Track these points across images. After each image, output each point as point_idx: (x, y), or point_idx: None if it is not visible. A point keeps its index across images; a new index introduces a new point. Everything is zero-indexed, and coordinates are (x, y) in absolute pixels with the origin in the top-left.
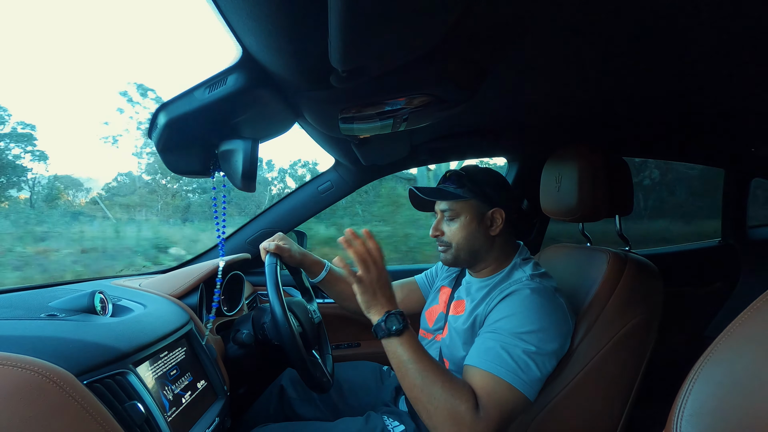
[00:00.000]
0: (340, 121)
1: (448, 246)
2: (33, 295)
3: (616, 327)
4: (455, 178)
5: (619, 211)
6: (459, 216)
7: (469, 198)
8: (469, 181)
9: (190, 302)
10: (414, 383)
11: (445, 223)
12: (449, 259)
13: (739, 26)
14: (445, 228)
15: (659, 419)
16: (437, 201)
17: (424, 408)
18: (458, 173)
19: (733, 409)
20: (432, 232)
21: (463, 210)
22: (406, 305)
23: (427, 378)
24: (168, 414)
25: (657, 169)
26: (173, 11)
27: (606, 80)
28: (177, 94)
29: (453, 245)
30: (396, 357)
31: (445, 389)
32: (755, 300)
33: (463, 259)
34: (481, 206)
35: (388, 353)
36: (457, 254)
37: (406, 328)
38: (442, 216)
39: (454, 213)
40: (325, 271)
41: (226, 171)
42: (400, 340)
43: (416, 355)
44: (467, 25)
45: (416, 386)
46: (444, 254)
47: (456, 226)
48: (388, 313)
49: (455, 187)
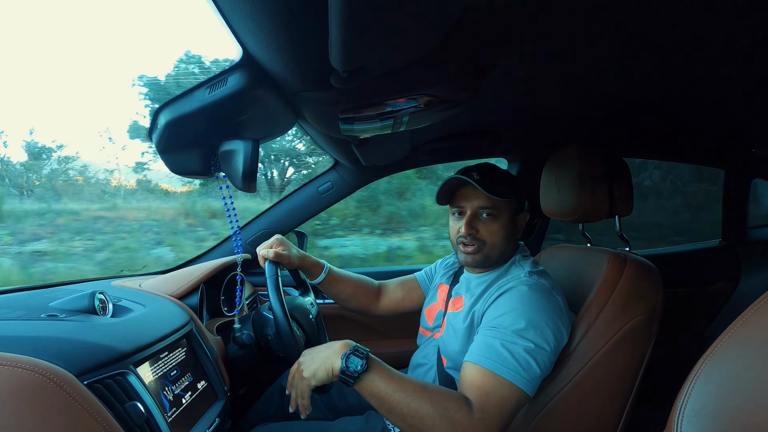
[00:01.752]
0: (340, 121)
1: (481, 245)
2: (33, 295)
3: (616, 327)
4: (498, 176)
5: (619, 211)
6: (500, 216)
7: (511, 199)
8: (509, 181)
9: (191, 303)
10: (403, 412)
11: (480, 221)
12: (480, 260)
13: (740, 26)
14: (480, 227)
15: (659, 419)
16: (470, 196)
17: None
18: (499, 172)
19: (734, 410)
20: (467, 229)
21: (505, 210)
22: (406, 303)
23: (414, 400)
24: (168, 414)
25: (657, 169)
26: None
27: (606, 80)
28: (177, 95)
29: (487, 245)
30: (375, 396)
31: (435, 403)
32: (756, 301)
33: (493, 260)
34: (515, 208)
35: (366, 396)
36: (489, 254)
37: (369, 359)
38: (476, 213)
39: (496, 212)
40: (324, 272)
41: (227, 171)
42: (371, 376)
43: (393, 382)
44: (467, 26)
45: (407, 414)
46: (473, 255)
47: (495, 226)
48: (343, 356)
49: (499, 186)
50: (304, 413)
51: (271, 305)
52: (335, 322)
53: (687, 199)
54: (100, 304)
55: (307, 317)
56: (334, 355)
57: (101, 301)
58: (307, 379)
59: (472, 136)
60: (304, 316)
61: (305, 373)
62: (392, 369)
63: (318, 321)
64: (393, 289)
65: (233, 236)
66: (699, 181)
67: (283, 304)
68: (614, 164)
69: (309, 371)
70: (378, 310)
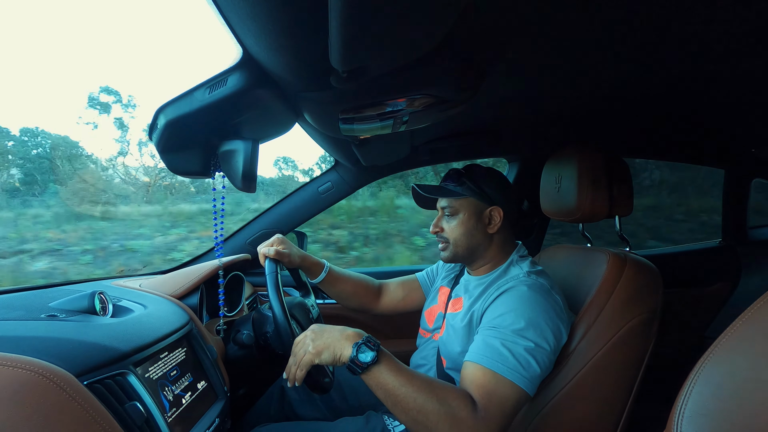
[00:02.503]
0: (340, 121)
1: (447, 242)
2: (33, 295)
3: (615, 327)
4: (455, 176)
5: (619, 211)
6: (458, 213)
7: (468, 195)
8: (469, 179)
9: (191, 303)
10: (408, 406)
11: (444, 219)
12: (448, 256)
13: (740, 26)
14: (444, 225)
15: (660, 419)
16: (438, 198)
17: (424, 427)
18: (458, 171)
19: (734, 410)
20: (432, 229)
21: (462, 207)
22: (407, 303)
23: (420, 396)
24: (168, 414)
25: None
26: (173, 11)
27: (606, 80)
28: (177, 95)
29: (451, 242)
30: (382, 388)
31: (440, 400)
32: (756, 301)
33: (461, 255)
34: (479, 204)
35: (372, 387)
36: (455, 251)
37: (380, 351)
38: (443, 213)
39: (453, 210)
40: (324, 272)
41: (227, 171)
42: (380, 368)
43: (401, 376)
44: (467, 26)
45: (411, 408)
46: (443, 251)
47: (455, 223)
48: (354, 346)
49: (455, 185)
50: (292, 383)
51: (270, 303)
52: (335, 322)
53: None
54: (100, 305)
55: (308, 317)
56: (345, 342)
57: (101, 301)
58: (311, 355)
59: (472, 136)
60: (304, 316)
61: (311, 348)
62: (401, 363)
63: (318, 322)
64: (394, 289)
65: (216, 239)
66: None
67: (282, 301)
68: (614, 164)
69: (315, 349)
70: (378, 309)
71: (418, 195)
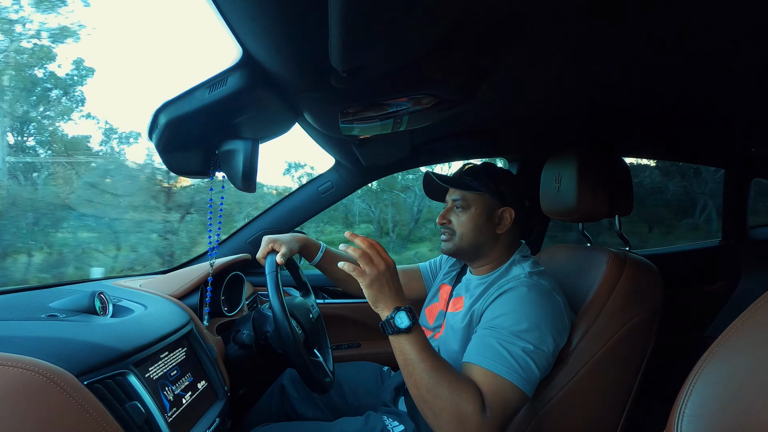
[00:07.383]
0: (340, 121)
1: (452, 234)
2: (33, 295)
3: (615, 327)
4: (472, 171)
5: (619, 211)
6: (470, 207)
7: (483, 192)
8: (486, 176)
9: (191, 303)
10: (420, 382)
11: (454, 212)
12: (450, 248)
13: (740, 26)
14: (453, 217)
15: (660, 419)
16: (450, 190)
17: (429, 408)
18: (476, 167)
19: (734, 410)
20: (439, 220)
21: (475, 202)
22: (406, 292)
23: (434, 378)
24: (168, 414)
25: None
26: (173, 11)
27: (606, 80)
28: (177, 95)
29: (457, 234)
30: (403, 355)
31: (452, 389)
32: (756, 300)
33: (464, 250)
34: (492, 202)
35: (395, 350)
36: (459, 244)
37: (415, 325)
38: (453, 205)
39: (465, 203)
40: (321, 252)
41: (227, 171)
42: (409, 338)
43: (424, 353)
44: (467, 26)
45: (423, 386)
46: (446, 243)
47: (465, 217)
48: (396, 309)
49: (471, 180)
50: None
51: (270, 302)
52: (335, 322)
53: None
54: (100, 305)
55: (308, 317)
56: (389, 303)
57: (101, 301)
58: (363, 280)
59: (472, 136)
60: (304, 316)
61: (366, 281)
62: (429, 343)
63: (318, 322)
64: None
65: (210, 239)
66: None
67: (282, 301)
68: (614, 164)
69: (374, 287)
70: None
71: (430, 183)
